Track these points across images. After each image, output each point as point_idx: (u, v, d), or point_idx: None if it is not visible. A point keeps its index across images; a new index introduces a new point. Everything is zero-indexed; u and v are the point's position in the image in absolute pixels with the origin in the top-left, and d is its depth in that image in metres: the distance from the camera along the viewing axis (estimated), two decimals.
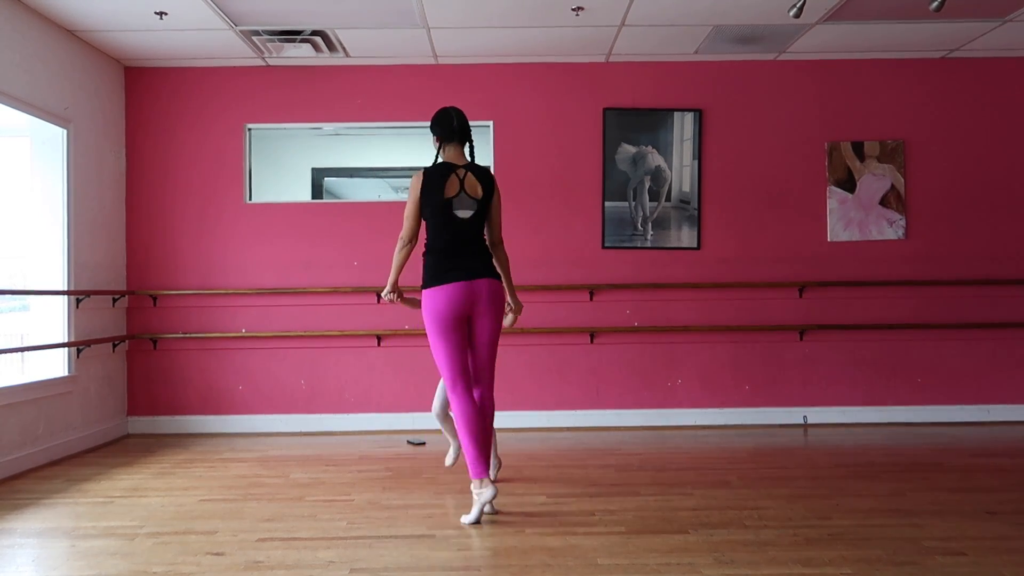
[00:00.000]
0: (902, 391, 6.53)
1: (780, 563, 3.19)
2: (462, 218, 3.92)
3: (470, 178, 3.96)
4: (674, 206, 6.55)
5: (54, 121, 5.57)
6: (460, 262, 3.89)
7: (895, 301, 6.53)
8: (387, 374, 6.48)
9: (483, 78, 6.56)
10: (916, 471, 4.81)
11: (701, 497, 4.23)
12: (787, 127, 6.59)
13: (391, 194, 9.02)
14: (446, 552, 3.39)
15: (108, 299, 6.19)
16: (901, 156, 6.55)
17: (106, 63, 6.25)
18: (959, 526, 3.67)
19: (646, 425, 6.48)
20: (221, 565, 3.26)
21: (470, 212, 3.93)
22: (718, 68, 6.57)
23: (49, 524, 3.92)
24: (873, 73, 6.58)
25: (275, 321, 6.49)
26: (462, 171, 3.97)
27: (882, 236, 6.54)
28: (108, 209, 6.25)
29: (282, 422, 6.47)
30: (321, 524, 3.82)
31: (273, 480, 4.79)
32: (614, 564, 3.20)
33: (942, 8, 4.93)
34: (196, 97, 6.54)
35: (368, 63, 6.50)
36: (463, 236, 3.93)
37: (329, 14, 5.49)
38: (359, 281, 6.47)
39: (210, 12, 5.38)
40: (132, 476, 4.94)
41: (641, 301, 6.52)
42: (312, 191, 8.14)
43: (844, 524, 3.71)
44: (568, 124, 6.56)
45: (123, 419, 6.43)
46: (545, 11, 5.47)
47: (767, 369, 6.52)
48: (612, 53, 6.36)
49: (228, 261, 6.51)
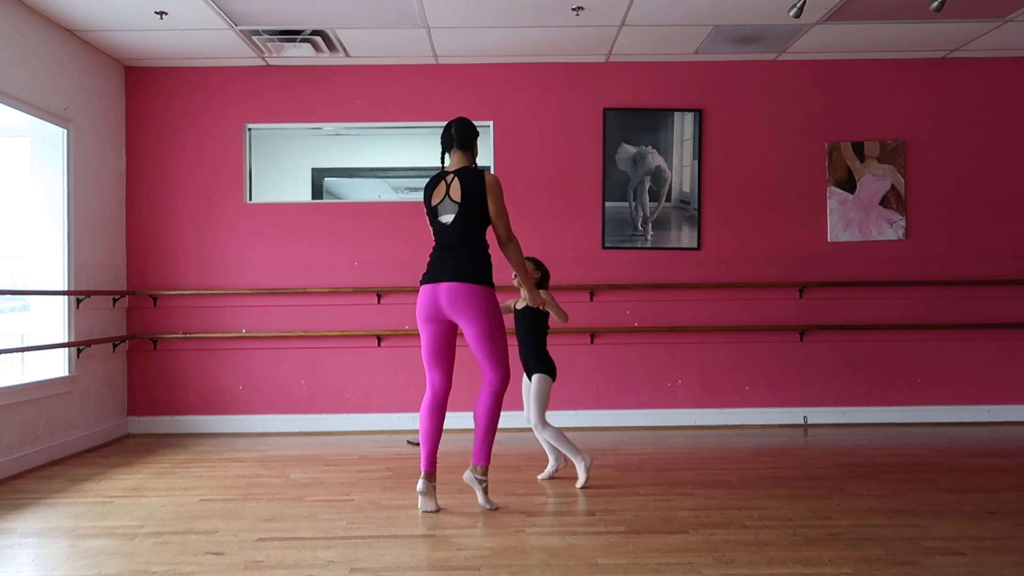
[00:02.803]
0: (902, 391, 6.53)
1: (780, 563, 3.19)
2: (444, 223, 4.03)
3: (455, 183, 4.02)
4: (674, 206, 6.55)
5: (54, 121, 5.57)
6: (436, 266, 4.04)
7: (895, 301, 6.53)
8: (387, 374, 6.48)
9: (483, 78, 6.56)
10: (916, 471, 4.81)
11: (701, 497, 4.23)
12: (787, 127, 6.59)
13: (391, 194, 9.02)
14: (446, 552, 3.39)
15: (108, 299, 6.19)
16: (901, 156, 6.55)
17: (106, 63, 6.25)
18: (959, 526, 3.66)
19: (646, 425, 6.48)
20: (221, 565, 3.26)
21: (451, 216, 4.01)
22: (718, 68, 6.57)
23: (49, 524, 3.92)
24: (873, 73, 6.58)
25: (275, 321, 6.49)
26: (451, 176, 4.05)
27: (882, 236, 6.54)
28: (108, 209, 6.25)
29: (282, 422, 6.47)
30: (321, 524, 3.82)
31: (273, 480, 4.79)
32: (614, 564, 3.20)
33: (942, 8, 4.93)
34: (196, 97, 6.54)
35: (368, 63, 6.50)
36: (446, 241, 4.03)
37: (329, 14, 5.49)
38: (359, 281, 6.47)
39: (210, 12, 5.38)
40: (132, 476, 4.94)
41: (641, 301, 6.52)
42: (312, 191, 8.14)
43: (844, 524, 3.71)
44: (568, 124, 6.56)
45: (123, 419, 6.43)
46: (545, 11, 5.47)
47: (767, 369, 6.52)
48: (612, 53, 6.36)
49: (228, 261, 6.51)
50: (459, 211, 3.98)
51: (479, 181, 4.00)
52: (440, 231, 4.05)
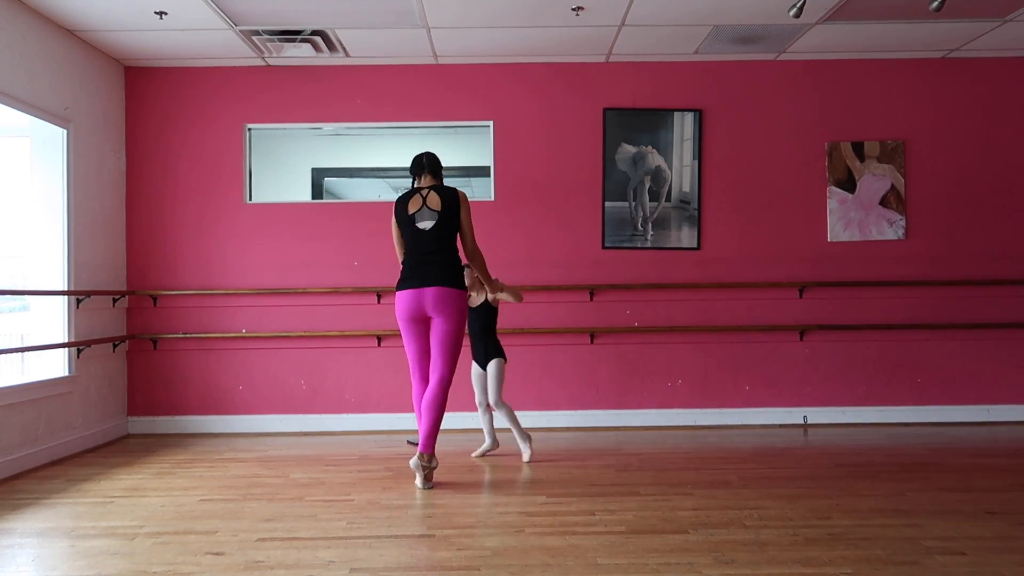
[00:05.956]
0: (902, 391, 6.53)
1: (780, 563, 3.19)
2: (423, 229, 4.51)
3: (432, 195, 4.57)
4: (674, 206, 6.55)
5: (54, 121, 5.57)
6: (418, 271, 4.50)
7: (895, 301, 6.53)
8: (387, 374, 6.48)
9: (483, 78, 6.56)
10: (916, 471, 4.81)
11: (701, 497, 4.23)
12: (787, 127, 6.59)
13: (391, 194, 9.02)
14: (446, 552, 3.39)
15: (108, 299, 6.19)
16: (901, 156, 6.55)
17: (106, 63, 6.25)
18: (959, 526, 3.66)
19: (646, 425, 6.48)
20: (221, 565, 3.26)
21: (431, 223, 4.51)
22: (718, 68, 6.57)
23: (49, 524, 3.92)
24: (873, 73, 6.58)
25: (275, 321, 6.49)
26: (426, 191, 4.60)
27: (882, 236, 6.54)
28: (108, 209, 6.25)
29: (282, 422, 6.47)
30: (321, 524, 3.82)
31: (273, 480, 4.79)
32: (614, 564, 3.20)
33: (942, 8, 4.93)
34: (196, 97, 6.54)
35: (368, 63, 6.50)
36: (425, 246, 4.51)
37: (329, 14, 5.49)
38: (359, 281, 6.47)
39: (210, 12, 5.38)
40: (132, 476, 4.94)
41: (641, 301, 6.52)
42: (312, 191, 8.14)
43: (844, 524, 3.71)
44: (568, 124, 6.56)
45: (123, 419, 6.43)
46: (545, 11, 5.47)
47: (767, 369, 6.52)
48: (612, 53, 6.36)
49: (228, 261, 6.51)
50: (438, 218, 4.50)
51: (454, 195, 4.57)
52: (417, 238, 4.52)
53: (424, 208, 4.52)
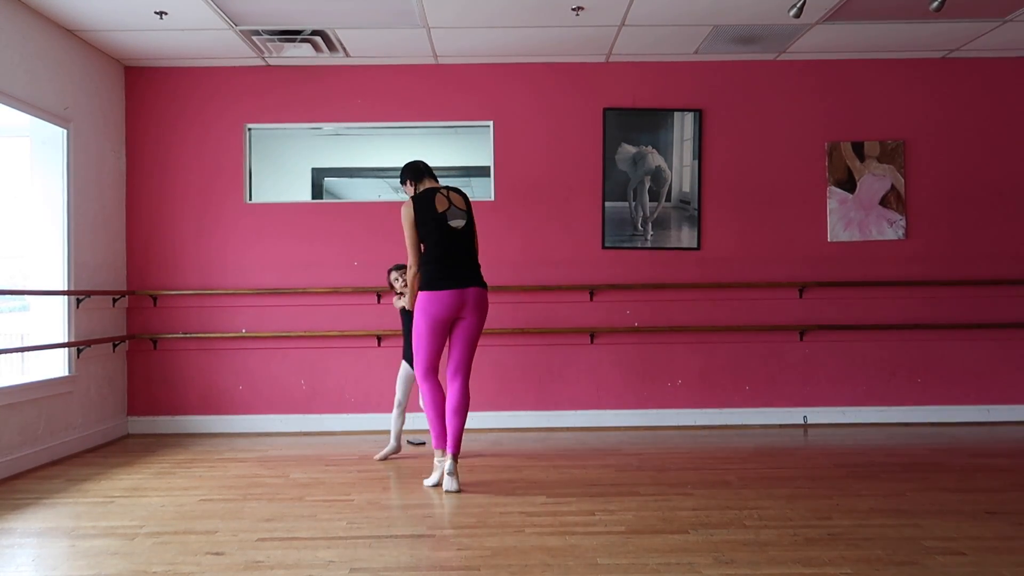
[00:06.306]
0: (902, 391, 6.53)
1: (780, 563, 3.19)
2: (456, 227, 4.45)
3: (453, 195, 4.53)
4: (674, 206, 6.55)
5: (54, 121, 5.57)
6: (454, 271, 4.40)
7: (895, 301, 6.53)
8: (387, 374, 6.47)
9: (483, 78, 6.56)
10: (916, 471, 4.81)
11: (701, 497, 4.23)
12: (787, 127, 6.59)
13: (391, 194, 9.01)
14: (446, 552, 3.39)
15: (108, 299, 6.19)
16: (901, 156, 6.55)
17: (106, 63, 6.25)
18: (959, 526, 3.67)
19: (646, 425, 6.48)
20: (221, 565, 3.26)
21: (462, 221, 4.47)
22: (718, 68, 6.57)
23: (49, 524, 3.92)
24: (873, 73, 6.58)
25: (275, 321, 6.49)
26: (444, 190, 4.53)
27: (882, 236, 6.54)
28: (108, 209, 6.25)
29: (282, 422, 6.47)
30: (321, 524, 3.82)
31: (273, 480, 4.79)
32: (614, 564, 3.20)
33: (942, 8, 4.92)
34: (196, 97, 6.54)
35: (368, 63, 6.50)
36: (458, 245, 4.44)
37: (329, 14, 5.49)
38: (359, 281, 6.47)
39: (210, 12, 5.38)
40: (132, 476, 4.94)
41: (641, 301, 6.52)
42: (312, 191, 8.14)
43: (844, 524, 3.71)
44: (568, 124, 6.56)
45: (123, 419, 6.43)
46: (545, 11, 5.47)
47: (767, 369, 6.52)
48: (612, 53, 6.36)
49: (228, 261, 6.51)
50: (467, 218, 4.50)
51: (467, 198, 4.59)
52: (450, 236, 4.42)
53: (452, 208, 4.47)
